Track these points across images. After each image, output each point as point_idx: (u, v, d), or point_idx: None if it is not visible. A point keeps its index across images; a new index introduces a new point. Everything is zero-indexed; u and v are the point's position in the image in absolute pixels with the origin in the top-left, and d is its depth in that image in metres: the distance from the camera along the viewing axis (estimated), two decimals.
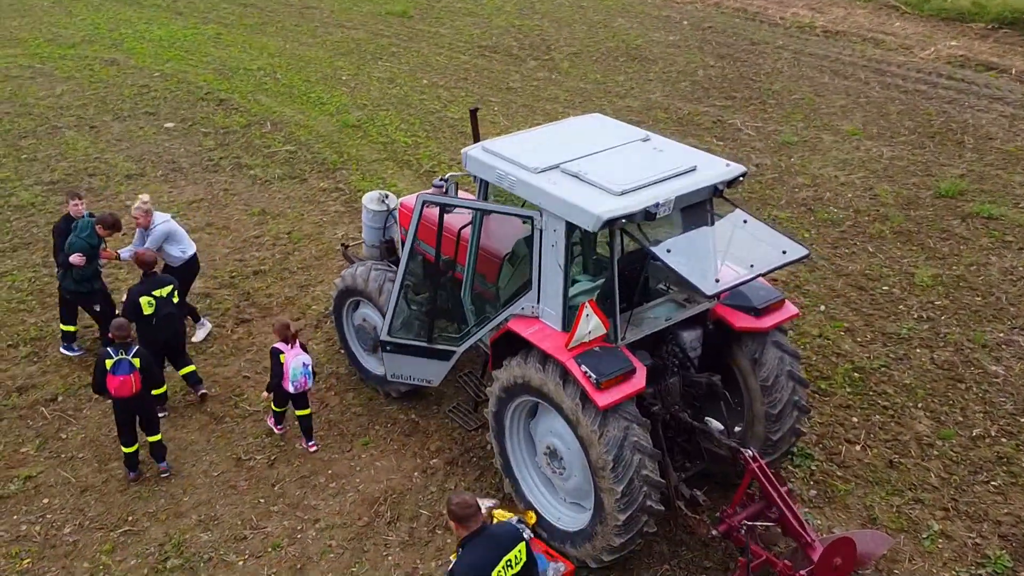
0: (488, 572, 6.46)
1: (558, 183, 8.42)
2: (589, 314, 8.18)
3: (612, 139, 9.27)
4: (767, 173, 17.04)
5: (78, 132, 19.21)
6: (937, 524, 9.41)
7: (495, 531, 6.85)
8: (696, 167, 8.66)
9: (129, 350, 9.57)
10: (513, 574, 6.59)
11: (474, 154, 9.17)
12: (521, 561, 6.68)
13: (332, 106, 20.46)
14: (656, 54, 23.92)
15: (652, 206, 8.05)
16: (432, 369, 9.79)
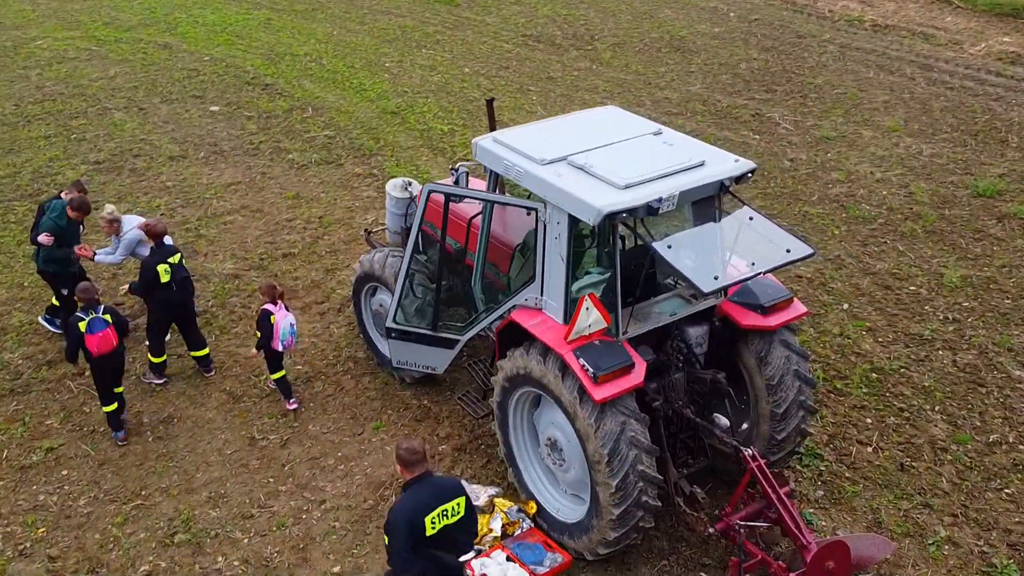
0: (422, 516, 6.80)
1: (563, 175, 8.30)
2: (589, 307, 8.07)
3: (623, 132, 9.12)
4: (801, 168, 16.68)
5: (127, 113, 19.48)
6: (944, 530, 9.15)
7: (438, 481, 7.10)
8: (704, 162, 8.47)
9: (97, 309, 9.84)
10: (447, 524, 6.91)
11: (484, 144, 9.08)
12: (459, 514, 6.99)
13: (373, 92, 20.48)
14: (700, 46, 23.54)
15: (655, 201, 7.89)
16: (437, 357, 9.75)
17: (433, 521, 6.86)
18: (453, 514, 6.97)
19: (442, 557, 6.96)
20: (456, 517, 6.99)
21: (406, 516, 6.79)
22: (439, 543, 6.94)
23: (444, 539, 6.96)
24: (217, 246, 14.37)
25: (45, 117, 19.27)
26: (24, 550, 9.02)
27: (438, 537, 6.91)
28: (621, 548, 8.51)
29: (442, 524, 6.91)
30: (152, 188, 16.24)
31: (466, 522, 7.09)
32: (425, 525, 6.82)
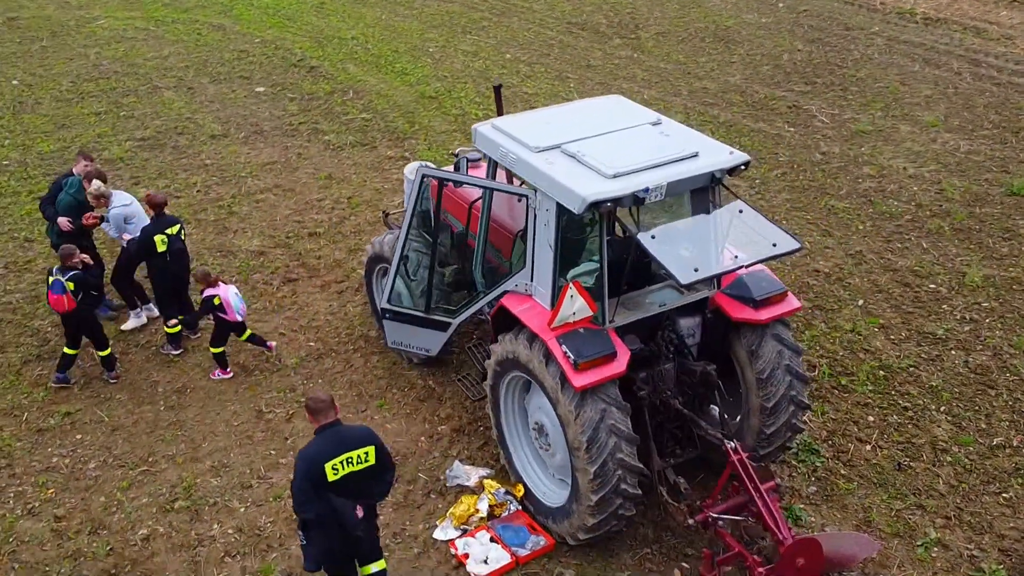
0: (323, 462, 7.03)
1: (554, 163, 8.23)
2: (573, 295, 8.00)
3: (621, 121, 9.00)
4: (833, 162, 16.29)
5: (176, 92, 19.83)
6: (935, 532, 8.91)
7: (345, 430, 7.31)
8: (697, 153, 8.32)
9: (65, 273, 10.19)
10: (353, 471, 7.12)
11: (483, 130, 9.05)
12: (366, 463, 7.21)
13: (414, 77, 20.53)
14: (744, 36, 23.11)
15: (641, 191, 7.78)
16: (430, 339, 9.77)
17: (335, 467, 7.06)
18: (359, 462, 7.16)
19: (336, 501, 7.11)
20: (363, 465, 7.17)
21: (307, 460, 7.06)
22: (344, 489, 7.12)
23: (350, 485, 7.14)
24: (247, 223, 14.57)
25: (98, 94, 19.72)
26: (32, 509, 9.29)
27: (342, 483, 7.09)
28: (602, 534, 8.45)
29: (346, 471, 7.10)
30: (191, 165, 16.52)
31: (377, 471, 7.28)
32: (326, 471, 7.02)
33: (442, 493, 9.47)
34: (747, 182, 15.61)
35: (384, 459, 7.38)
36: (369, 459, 7.24)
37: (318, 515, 7.11)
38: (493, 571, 8.46)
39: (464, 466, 9.64)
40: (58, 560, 8.71)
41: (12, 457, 9.94)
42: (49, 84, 20.30)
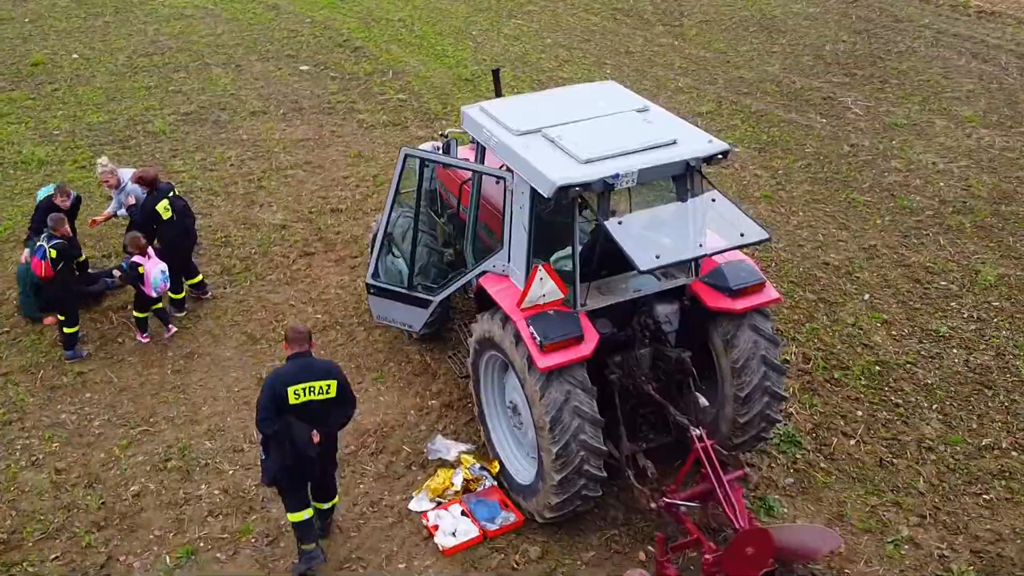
0: (288, 384, 7.65)
1: (531, 147, 8.21)
2: (543, 277, 7.99)
3: (608, 107, 8.91)
4: (861, 155, 15.89)
5: (224, 70, 20.17)
6: (908, 530, 8.71)
7: (312, 361, 7.92)
8: (676, 141, 8.21)
9: (51, 240, 10.47)
10: (313, 399, 7.71)
11: (470, 113, 9.06)
12: (327, 395, 7.77)
13: (453, 59, 20.56)
14: (789, 26, 22.60)
15: (611, 177, 7.72)
16: (412, 315, 9.83)
17: (297, 392, 7.65)
18: (320, 392, 7.74)
19: (294, 423, 7.67)
20: (324, 396, 7.77)
21: (272, 382, 7.74)
22: (304, 413, 7.71)
23: (310, 411, 7.73)
24: (274, 198, 14.80)
25: (151, 69, 20.16)
26: (36, 461, 9.64)
27: (302, 408, 7.69)
28: (568, 514, 8.45)
29: (307, 397, 7.70)
30: (228, 140, 16.82)
31: (337, 403, 7.87)
32: (288, 394, 7.62)
33: (423, 466, 9.56)
34: (769, 172, 15.34)
35: (345, 394, 7.94)
36: (330, 392, 7.79)
37: (276, 433, 7.72)
38: (460, 543, 8.53)
39: (446, 440, 9.72)
40: (53, 510, 9.03)
41: (24, 412, 10.31)
42: (107, 58, 20.80)
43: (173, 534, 8.80)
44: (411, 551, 8.58)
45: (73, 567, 8.44)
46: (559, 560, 8.45)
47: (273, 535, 8.76)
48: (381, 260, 11.35)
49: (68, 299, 10.97)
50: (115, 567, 8.46)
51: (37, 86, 19.30)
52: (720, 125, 17.09)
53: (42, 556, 8.53)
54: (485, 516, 8.78)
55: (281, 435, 7.72)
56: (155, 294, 10.98)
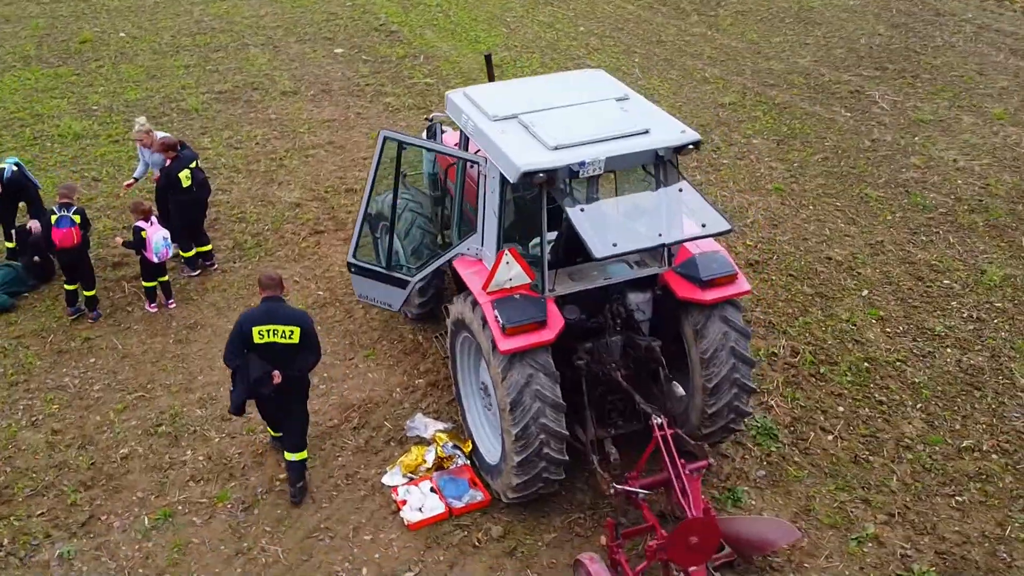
0: (253, 325, 8.23)
1: (505, 132, 8.20)
2: (509, 261, 7.99)
3: (588, 95, 8.84)
4: (880, 150, 15.51)
5: (261, 50, 20.46)
6: (874, 527, 8.53)
7: (280, 307, 8.45)
8: (648, 131, 8.12)
9: (70, 209, 10.70)
10: (276, 341, 8.24)
11: (453, 97, 9.08)
12: (290, 340, 8.29)
13: (485, 45, 20.53)
14: (827, 17, 22.11)
15: (576, 164, 7.68)
16: (391, 294, 9.88)
17: (261, 332, 8.22)
18: (283, 336, 8.27)
19: (256, 361, 8.26)
20: (287, 340, 8.28)
21: (240, 321, 8.34)
22: (268, 354, 8.26)
23: (273, 352, 8.28)
24: (292, 176, 14.99)
25: (192, 49, 20.54)
26: (35, 421, 9.95)
27: (266, 348, 8.25)
28: (531, 495, 8.46)
29: (270, 339, 8.24)
30: (257, 119, 17.07)
31: (300, 349, 8.37)
32: (253, 333, 8.21)
33: (401, 442, 9.64)
34: (784, 164, 15.07)
35: (308, 342, 8.42)
36: (293, 338, 8.30)
37: (238, 368, 8.37)
38: (425, 519, 8.60)
39: (425, 418, 9.79)
40: (45, 469, 9.32)
41: (31, 374, 10.65)
42: (151, 37, 21.25)
43: (155, 496, 9.02)
44: (379, 524, 8.68)
45: (57, 523, 8.70)
46: (520, 540, 8.47)
47: (248, 502, 8.92)
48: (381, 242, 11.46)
49: (88, 262, 11.36)
50: (96, 525, 8.70)
51: (83, 63, 19.80)
52: (741, 116, 16.83)
53: (29, 511, 8.82)
54: (453, 493, 8.84)
55: (244, 371, 8.29)
56: (156, 259, 11.23)
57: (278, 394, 8.42)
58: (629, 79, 18.42)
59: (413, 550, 8.38)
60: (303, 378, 8.65)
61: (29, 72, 19.30)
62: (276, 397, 8.47)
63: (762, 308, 11.51)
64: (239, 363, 8.33)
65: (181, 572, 8.22)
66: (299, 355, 8.40)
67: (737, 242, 12.86)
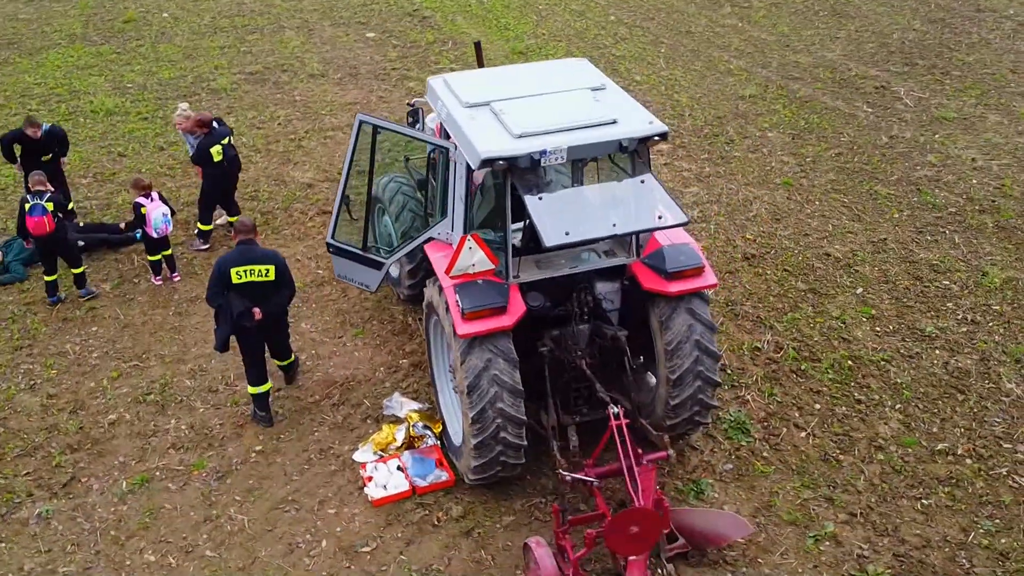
0: (231, 266, 8.93)
1: (474, 119, 8.18)
2: (472, 247, 7.98)
3: (564, 84, 8.76)
4: (897, 147, 15.10)
5: (296, 33, 20.66)
6: (834, 526, 8.36)
7: (254, 248, 9.13)
8: (616, 121, 8.02)
9: (43, 196, 10.81)
10: (253, 280, 8.96)
11: (432, 83, 9.07)
12: (266, 278, 9.02)
13: (513, 32, 20.47)
14: (863, 11, 21.54)
15: (537, 153, 7.63)
16: (367, 275, 9.92)
17: (239, 273, 8.91)
18: (259, 275, 8.98)
19: (236, 299, 8.94)
20: (263, 278, 9.00)
21: (219, 264, 9.04)
22: (246, 292, 8.97)
23: (251, 290, 9.00)
24: (309, 157, 15.13)
25: (229, 30, 20.83)
26: (34, 385, 10.25)
27: (245, 287, 8.96)
28: (491, 478, 8.46)
29: (248, 279, 8.95)
30: (283, 101, 17.26)
31: (276, 286, 9.10)
32: (231, 274, 8.88)
33: (378, 420, 9.71)
34: (797, 159, 14.77)
35: (282, 279, 9.14)
36: (269, 275, 9.03)
37: (220, 307, 9.03)
38: (388, 496, 8.67)
39: (402, 398, 9.84)
40: (36, 431, 9.61)
41: (35, 339, 10.97)
42: (193, 18, 21.60)
43: (135, 462, 9.24)
44: (344, 498, 8.77)
45: (40, 483, 8.97)
46: (479, 521, 8.49)
47: (223, 472, 9.09)
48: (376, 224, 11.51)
49: (68, 244, 11.41)
50: (76, 487, 8.94)
51: (124, 42, 20.22)
52: (760, 109, 16.52)
53: (16, 471, 9.10)
54: (418, 472, 8.89)
55: (226, 310, 8.97)
56: (156, 235, 11.45)
57: (260, 329, 9.19)
58: (652, 69, 18.23)
59: (374, 526, 8.46)
60: (282, 314, 9.46)
61: (73, 50, 19.77)
62: (258, 332, 9.22)
63: (752, 302, 11.32)
64: (221, 302, 8.96)
65: (150, 536, 8.41)
66: (276, 292, 9.11)
67: (736, 235, 12.67)
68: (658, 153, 14.89)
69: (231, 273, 8.92)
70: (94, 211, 13.56)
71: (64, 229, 11.24)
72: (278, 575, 8.01)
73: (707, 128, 15.80)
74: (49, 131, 12.53)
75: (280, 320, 9.49)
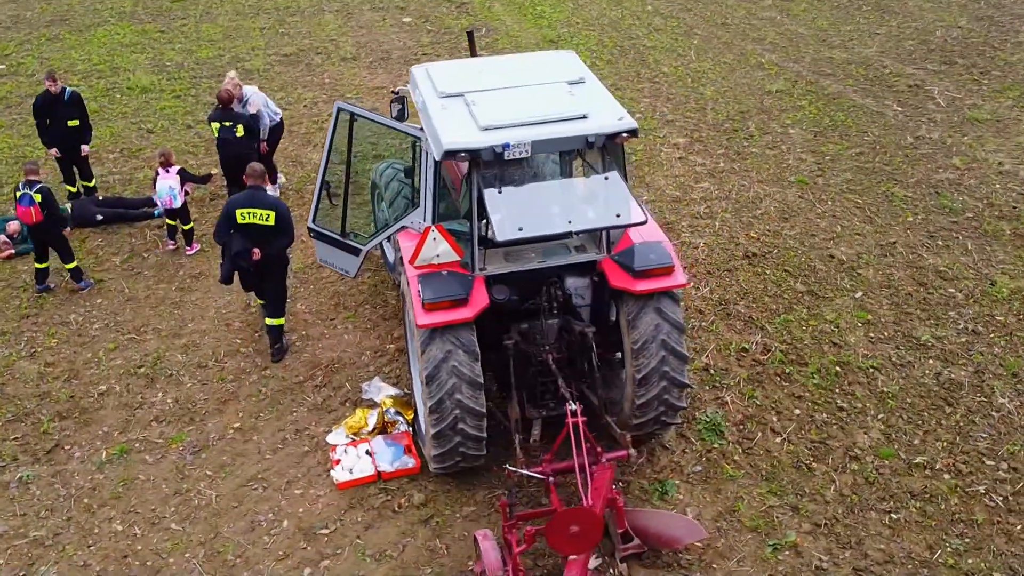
0: (236, 207, 9.55)
1: (445, 109, 8.04)
2: (436, 238, 7.88)
3: (544, 77, 8.55)
4: (922, 148, 14.51)
5: (335, 16, 20.71)
6: (796, 536, 8.08)
7: (259, 193, 9.69)
8: (586, 116, 7.80)
9: (32, 186, 10.78)
10: (255, 222, 9.55)
11: (414, 72, 8.95)
12: (267, 222, 9.58)
13: (547, 20, 20.20)
14: (909, 8, 20.74)
15: (499, 146, 7.46)
16: (347, 261, 9.87)
17: (243, 215, 9.51)
18: (260, 218, 9.56)
19: (239, 238, 9.57)
20: (264, 222, 9.58)
21: (227, 204, 9.76)
22: (248, 233, 9.58)
23: (253, 232, 9.59)
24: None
25: (271, 12, 20.97)
26: (34, 353, 10.48)
27: (247, 228, 9.55)
28: (452, 468, 8.37)
29: (250, 220, 9.53)
30: (312, 83, 17.31)
31: (276, 231, 9.65)
32: (236, 215, 9.50)
33: (356, 403, 9.69)
34: (815, 157, 14.30)
35: (283, 226, 9.67)
36: (270, 220, 9.57)
37: (225, 244, 9.71)
38: (352, 480, 8.65)
39: (381, 382, 9.80)
40: (29, 397, 9.82)
41: (42, 309, 11.20)
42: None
43: (118, 432, 9.38)
44: (312, 480, 8.78)
45: (26, 449, 9.16)
46: (439, 509, 8.42)
47: (199, 447, 9.17)
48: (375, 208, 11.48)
49: (60, 237, 11.19)
50: (59, 454, 9.12)
51: (170, 20, 20.50)
52: (785, 105, 16.03)
53: (5, 435, 9.31)
54: (386, 458, 8.85)
55: (228, 246, 9.63)
56: (160, 205, 11.72)
57: (258, 268, 9.79)
58: (682, 61, 17.82)
59: (336, 508, 8.44)
60: (280, 257, 9.95)
61: (120, 28, 20.12)
62: (256, 271, 9.83)
63: (746, 302, 11.00)
64: (226, 240, 9.62)
65: (121, 505, 8.53)
66: (275, 237, 9.63)
67: (740, 233, 12.31)
68: (673, 147, 14.57)
69: (236, 213, 9.50)
70: (116, 186, 13.78)
71: (55, 221, 11.03)
72: (236, 551, 8.05)
73: (728, 123, 15.38)
74: (71, 94, 12.75)
75: (276, 266, 9.94)
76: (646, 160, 14.16)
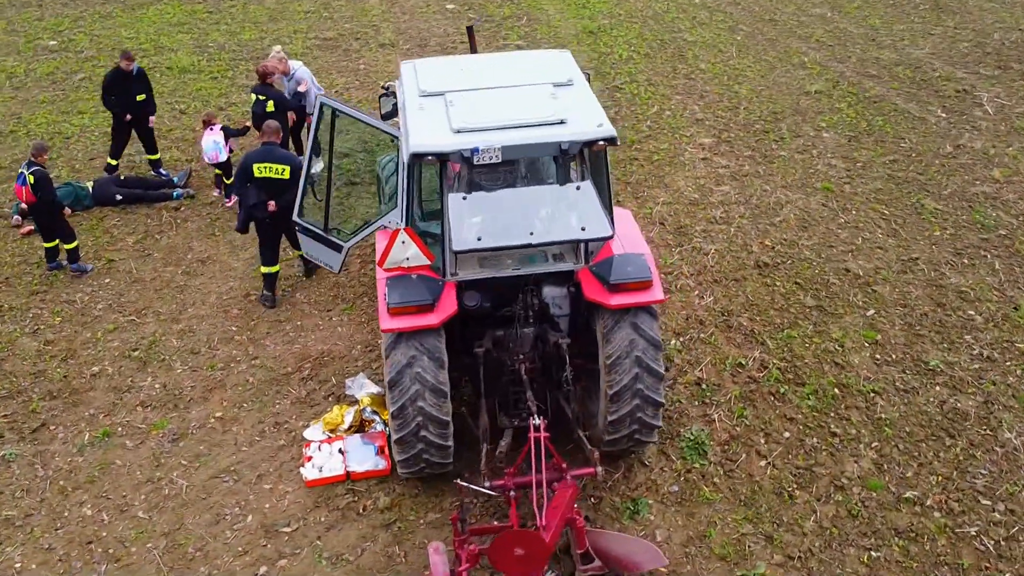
0: (253, 162, 10.15)
1: (422, 109, 7.72)
2: (405, 241, 7.55)
3: (530, 77, 8.16)
4: (961, 157, 13.65)
5: (379, 1, 20.44)
6: (765, 567, 7.62)
7: (277, 149, 10.33)
8: (564, 122, 7.38)
9: (29, 167, 10.71)
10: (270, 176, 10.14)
11: (403, 68, 8.65)
12: (281, 176, 10.16)
13: (590, 11, 19.63)
14: (969, 7, 19.59)
15: (468, 150, 7.10)
16: (330, 256, 9.61)
17: (260, 168, 10.10)
18: (275, 172, 10.13)
19: (255, 191, 10.16)
20: (279, 176, 10.14)
21: (245, 158, 10.37)
22: (264, 185, 10.16)
23: (268, 185, 10.16)
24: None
25: None
26: (37, 330, 10.51)
27: (263, 182, 10.14)
28: (417, 473, 8.10)
29: (266, 174, 10.11)
30: (346, 68, 17.12)
31: (290, 184, 10.00)
32: (253, 169, 10.08)
33: (340, 399, 9.49)
34: (846, 163, 13.56)
35: (296, 179, 9.82)
36: (284, 175, 10.13)
37: (242, 195, 10.41)
38: (320, 478, 8.45)
39: (364, 379, 9.57)
40: (25, 374, 9.84)
41: (51, 286, 11.24)
42: None
43: (104, 415, 9.34)
44: (283, 475, 8.61)
45: (14, 427, 9.18)
46: (403, 515, 8.16)
47: (179, 434, 9.07)
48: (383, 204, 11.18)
49: (57, 220, 11.12)
50: (44, 434, 9.11)
51: (219, 1, 20.48)
52: (822, 107, 15.26)
53: None
54: (357, 458, 8.62)
55: (244, 197, 10.29)
56: (206, 159, 12.46)
57: (273, 220, 10.26)
58: (721, 57, 17.14)
59: (301, 506, 8.26)
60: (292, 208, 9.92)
61: (171, 7, 20.20)
62: (272, 223, 10.31)
63: (750, 314, 10.45)
64: (243, 191, 10.23)
65: (94, 490, 8.48)
66: (289, 190, 9.90)
67: (755, 241, 11.72)
68: (699, 147, 13.98)
69: (253, 168, 10.05)
70: (141, 165, 13.78)
71: (47, 204, 10.88)
72: (197, 544, 7.92)
73: (759, 124, 14.70)
74: (138, 70, 13.13)
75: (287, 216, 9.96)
76: (668, 160, 13.61)
